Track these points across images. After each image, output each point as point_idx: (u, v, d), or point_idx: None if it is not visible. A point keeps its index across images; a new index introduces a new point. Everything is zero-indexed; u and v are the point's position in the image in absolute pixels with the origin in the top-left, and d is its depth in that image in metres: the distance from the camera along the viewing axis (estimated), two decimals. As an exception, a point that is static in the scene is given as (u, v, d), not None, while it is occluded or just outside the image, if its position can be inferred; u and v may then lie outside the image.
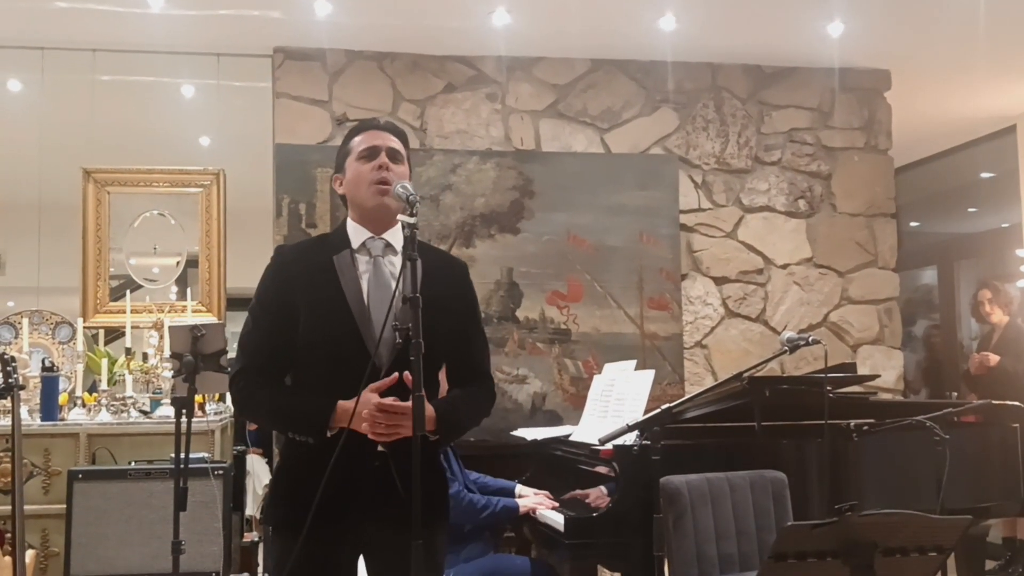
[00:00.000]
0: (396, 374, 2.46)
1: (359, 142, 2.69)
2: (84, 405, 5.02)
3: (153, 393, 5.22)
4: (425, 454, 2.38)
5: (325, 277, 2.59)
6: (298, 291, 2.59)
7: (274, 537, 2.66)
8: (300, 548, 2.47)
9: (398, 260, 2.62)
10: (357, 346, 2.52)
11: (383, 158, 2.64)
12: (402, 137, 2.75)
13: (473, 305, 2.79)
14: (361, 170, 2.65)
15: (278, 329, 2.59)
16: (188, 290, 5.78)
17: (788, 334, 3.58)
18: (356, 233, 2.67)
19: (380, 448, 2.51)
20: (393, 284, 2.57)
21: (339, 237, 2.69)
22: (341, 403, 2.48)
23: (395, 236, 2.65)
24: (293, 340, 2.57)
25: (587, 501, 4.11)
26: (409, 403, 2.36)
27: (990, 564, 6.06)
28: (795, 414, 4.03)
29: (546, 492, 4.33)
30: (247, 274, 6.31)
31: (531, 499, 4.28)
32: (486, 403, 2.75)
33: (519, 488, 4.43)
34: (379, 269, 2.62)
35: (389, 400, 2.44)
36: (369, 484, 2.51)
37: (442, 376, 2.81)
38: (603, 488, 4.02)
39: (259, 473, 7.55)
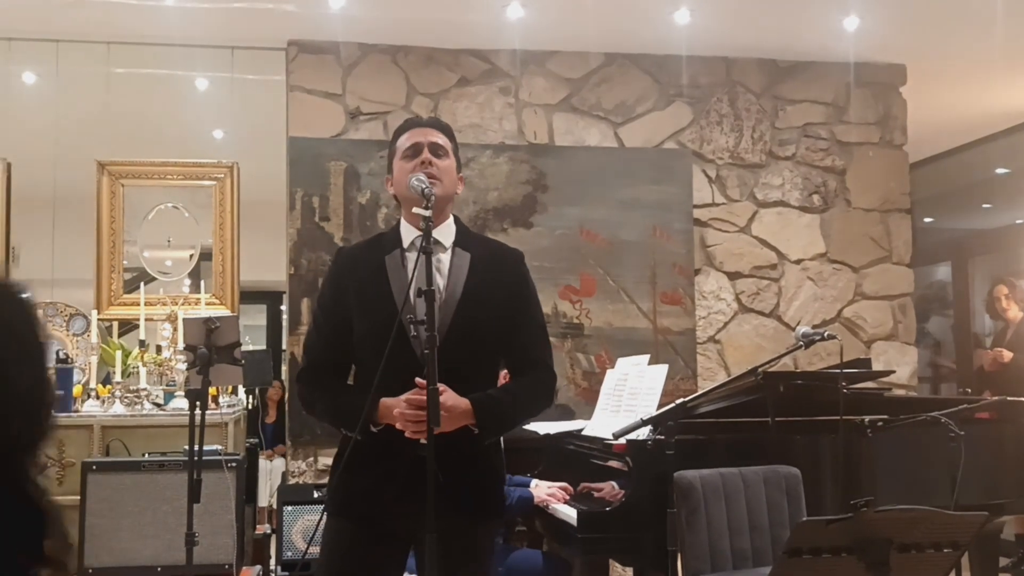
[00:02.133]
0: (419, 379, 2.47)
1: (403, 141, 2.74)
2: (98, 397, 5.04)
3: (167, 385, 5.23)
4: (472, 448, 2.41)
5: (376, 277, 2.66)
6: (351, 292, 2.67)
7: (327, 523, 2.74)
8: (330, 533, 2.59)
9: (447, 257, 2.67)
10: (404, 345, 2.55)
11: (426, 154, 2.69)
12: (446, 131, 2.81)
13: (523, 294, 2.78)
14: (405, 168, 2.69)
15: (334, 330, 2.69)
16: (202, 283, 5.79)
17: (803, 329, 3.56)
18: (407, 232, 2.72)
19: (423, 441, 2.52)
20: (440, 281, 2.62)
21: (393, 236, 2.76)
22: (384, 400, 2.53)
23: (445, 233, 2.69)
24: (349, 340, 2.66)
25: (598, 495, 4.11)
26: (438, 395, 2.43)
27: (1003, 561, 6.03)
28: (809, 410, 4.01)
29: (564, 483, 4.32)
30: (260, 267, 6.38)
31: (544, 490, 4.29)
32: (539, 393, 2.77)
33: (534, 482, 4.43)
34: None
35: (415, 394, 2.48)
36: (410, 477, 2.54)
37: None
38: (614, 483, 4.02)
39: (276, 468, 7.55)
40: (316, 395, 2.71)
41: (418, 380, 2.48)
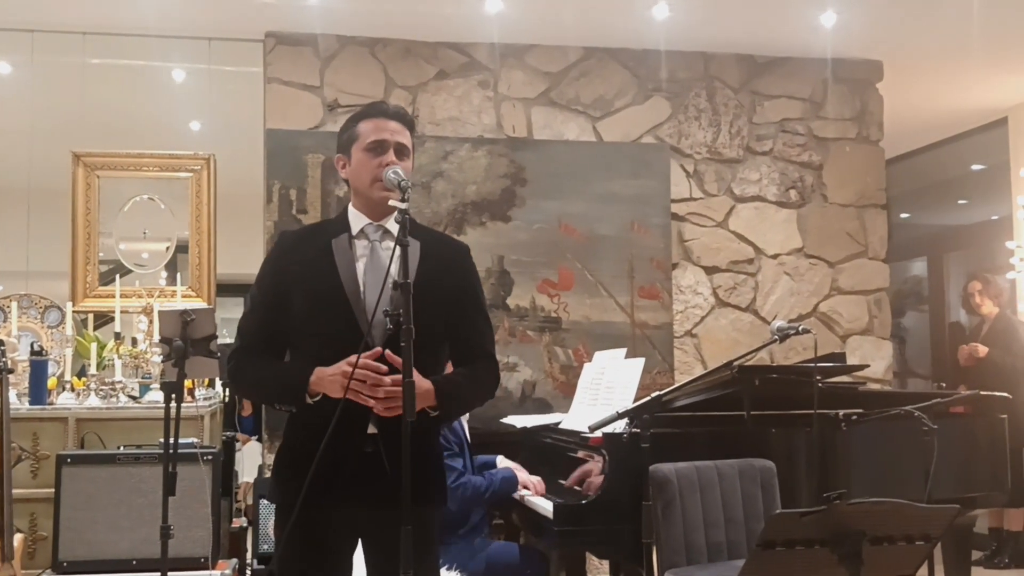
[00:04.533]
0: (379, 348, 2.48)
1: (368, 131, 2.67)
2: (73, 389, 5.00)
3: (142, 378, 5.20)
4: (420, 437, 2.39)
5: (322, 261, 2.63)
6: (295, 274, 2.63)
7: (276, 515, 2.73)
8: (291, 528, 2.50)
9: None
10: (351, 329, 2.54)
11: (391, 156, 2.64)
12: (410, 126, 2.74)
13: (473, 286, 2.79)
14: (369, 164, 2.65)
15: (273, 312, 2.64)
16: (178, 275, 5.75)
17: (778, 323, 3.58)
18: (356, 219, 2.69)
19: (371, 431, 2.53)
20: (392, 269, 2.58)
21: (340, 222, 2.73)
22: (320, 369, 2.50)
23: (394, 223, 2.66)
24: (288, 323, 2.62)
25: (576, 488, 4.12)
26: (378, 366, 2.43)
27: (976, 554, 6.09)
28: (784, 403, 4.04)
29: (538, 478, 4.34)
30: (237, 259, 6.34)
31: (523, 474, 4.32)
32: (488, 382, 2.77)
33: (500, 459, 4.45)
34: (375, 254, 2.65)
35: (363, 361, 2.46)
36: (361, 467, 2.53)
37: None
38: (592, 474, 4.03)
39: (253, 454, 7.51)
40: (248, 370, 2.65)
41: (388, 354, 2.47)
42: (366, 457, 2.53)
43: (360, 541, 2.66)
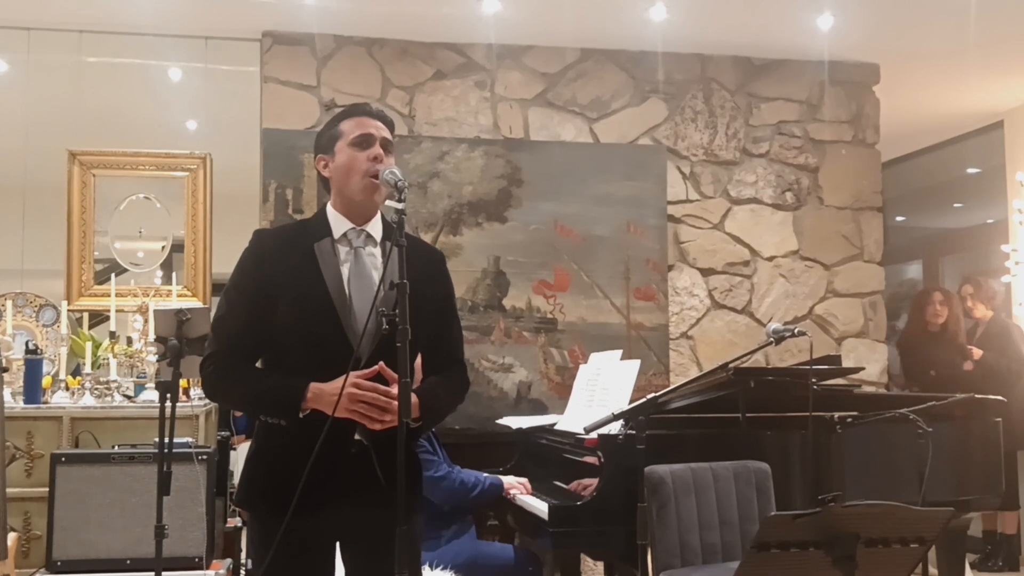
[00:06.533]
0: (381, 363, 2.46)
1: (352, 127, 2.65)
2: (68, 388, 4.99)
3: (137, 377, 5.19)
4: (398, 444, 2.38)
5: (305, 265, 2.58)
6: (277, 277, 2.57)
7: (251, 520, 2.69)
8: (279, 534, 2.48)
9: (378, 251, 2.64)
10: (337, 335, 2.52)
11: (378, 148, 2.61)
12: (391, 127, 2.72)
13: (450, 294, 2.80)
14: (357, 158, 2.61)
15: (253, 314, 2.57)
16: (173, 274, 5.75)
17: (774, 325, 3.59)
18: (337, 222, 2.64)
19: (357, 436, 2.51)
20: (374, 274, 2.58)
21: (319, 224, 2.67)
22: (314, 384, 2.47)
23: (375, 227, 2.66)
24: (268, 326, 2.56)
25: (571, 490, 4.12)
26: (387, 389, 2.42)
27: (970, 557, 6.10)
28: (779, 406, 4.04)
29: (525, 480, 4.35)
30: (233, 259, 6.23)
31: (513, 478, 4.32)
32: (462, 390, 2.79)
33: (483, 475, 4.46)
34: (360, 259, 2.61)
35: (369, 383, 2.45)
36: (347, 471, 2.51)
37: (417, 365, 2.82)
38: (587, 476, 4.03)
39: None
40: (232, 379, 2.59)
41: (381, 366, 2.47)
42: (350, 459, 2.51)
43: (339, 543, 2.63)
